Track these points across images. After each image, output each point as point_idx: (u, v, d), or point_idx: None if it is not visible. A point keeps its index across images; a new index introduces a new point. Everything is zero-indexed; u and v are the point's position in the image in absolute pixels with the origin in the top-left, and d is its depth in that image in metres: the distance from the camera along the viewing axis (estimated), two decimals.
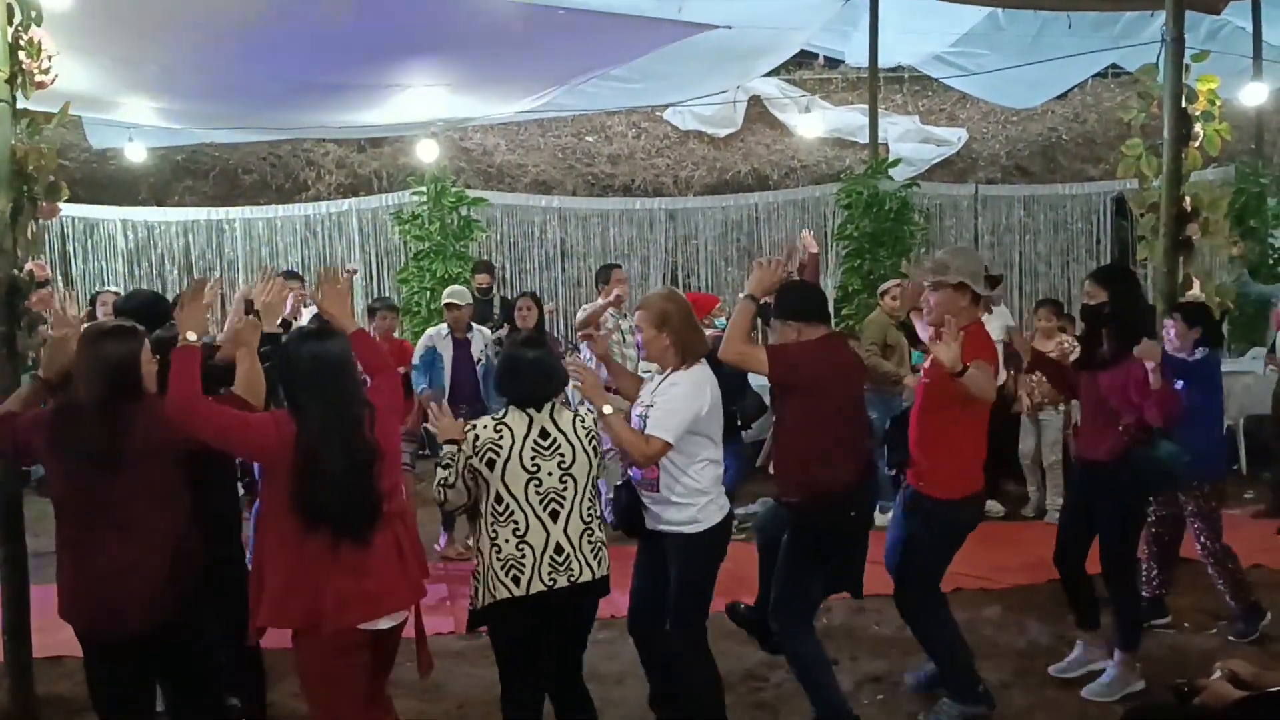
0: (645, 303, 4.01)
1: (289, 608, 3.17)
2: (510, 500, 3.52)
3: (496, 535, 3.52)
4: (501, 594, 3.51)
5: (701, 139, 12.98)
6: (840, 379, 4.19)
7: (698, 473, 3.83)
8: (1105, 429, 4.63)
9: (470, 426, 3.59)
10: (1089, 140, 13.04)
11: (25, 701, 4.66)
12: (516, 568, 3.50)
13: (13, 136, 4.52)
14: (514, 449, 3.52)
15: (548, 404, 3.63)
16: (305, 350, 3.29)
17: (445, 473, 3.56)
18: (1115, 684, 4.59)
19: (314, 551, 3.14)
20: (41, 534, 4.92)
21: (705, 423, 3.84)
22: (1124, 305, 4.66)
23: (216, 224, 10.96)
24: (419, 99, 7.90)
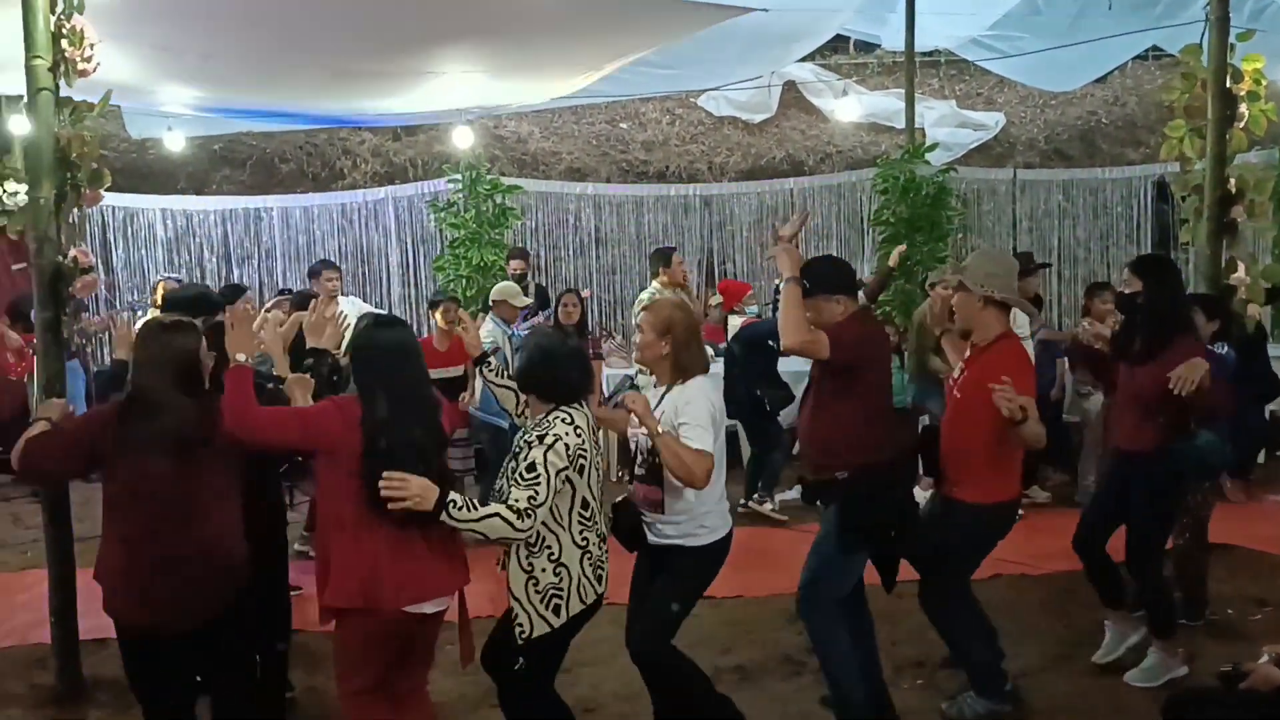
0: (655, 305, 3.95)
1: (347, 588, 3.21)
2: (593, 504, 3.50)
3: (587, 542, 3.49)
4: (590, 596, 3.50)
5: (736, 125, 12.91)
6: (885, 353, 4.21)
7: (706, 487, 3.68)
8: (1144, 421, 4.57)
9: (553, 437, 3.34)
10: (1129, 123, 12.85)
11: (72, 682, 4.75)
12: (600, 567, 3.55)
13: (56, 124, 4.58)
14: (591, 450, 3.46)
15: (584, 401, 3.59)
16: (375, 335, 3.40)
17: (533, 490, 3.24)
18: (1157, 669, 4.56)
19: (371, 533, 3.19)
20: (85, 519, 5.01)
21: (717, 429, 3.78)
22: (1159, 296, 4.57)
23: (254, 212, 11.02)
24: (454, 86, 7.90)
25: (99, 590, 3.56)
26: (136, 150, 11.10)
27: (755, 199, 11.64)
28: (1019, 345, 4.21)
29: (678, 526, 3.75)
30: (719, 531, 3.80)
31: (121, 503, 3.40)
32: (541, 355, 3.53)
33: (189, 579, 3.34)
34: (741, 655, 4.95)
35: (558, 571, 3.39)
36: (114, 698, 4.69)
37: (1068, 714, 4.36)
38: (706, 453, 3.58)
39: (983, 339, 4.16)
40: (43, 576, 4.85)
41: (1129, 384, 4.66)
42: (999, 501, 4.13)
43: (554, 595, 3.38)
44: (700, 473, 3.55)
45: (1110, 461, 5.01)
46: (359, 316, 4.81)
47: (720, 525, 3.81)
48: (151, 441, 3.31)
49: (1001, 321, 4.14)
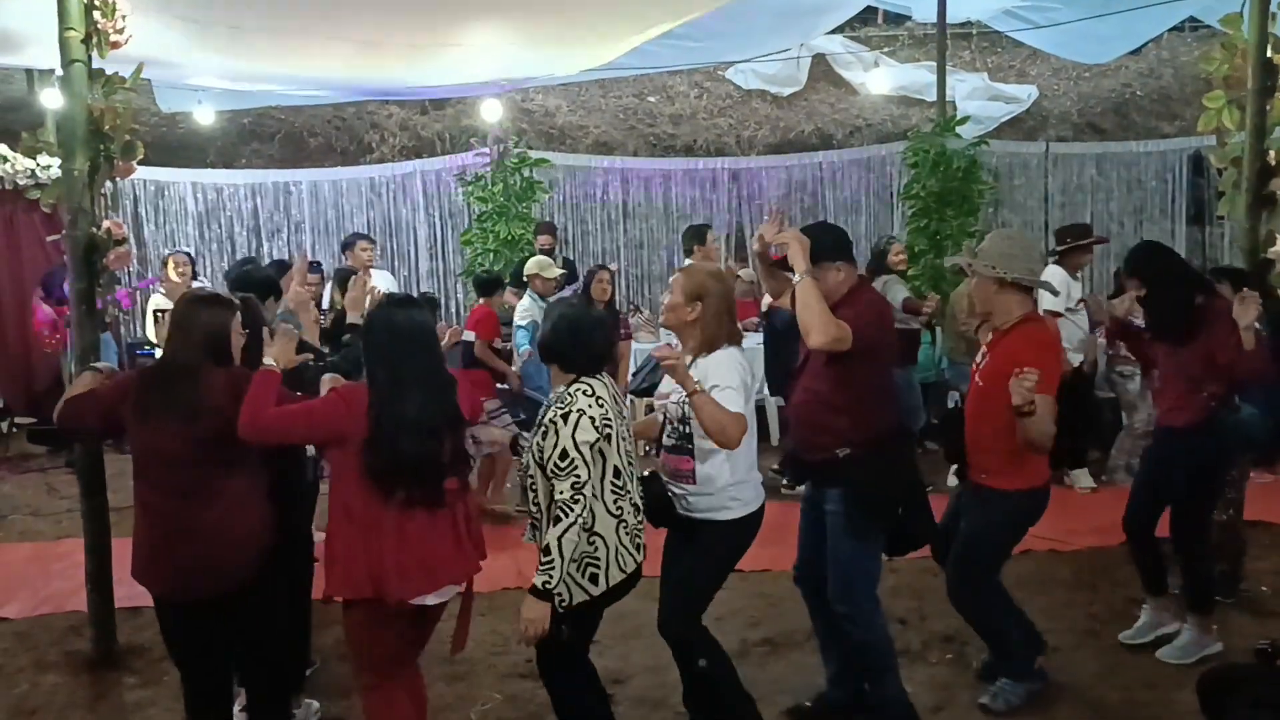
0: (689, 270, 3.81)
1: (353, 577, 3.20)
2: (625, 473, 3.44)
3: (621, 511, 3.42)
4: (630, 566, 3.45)
5: (764, 98, 12.82)
6: (893, 328, 4.01)
7: (737, 457, 3.62)
8: (1187, 396, 4.52)
9: (577, 412, 3.29)
10: (1164, 96, 12.67)
11: (108, 649, 4.81)
12: (638, 536, 3.50)
13: (89, 96, 4.60)
14: (615, 418, 3.42)
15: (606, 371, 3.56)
16: (385, 316, 3.35)
17: (573, 477, 3.23)
18: (1190, 646, 4.53)
19: (378, 523, 3.19)
20: (120, 490, 5.05)
21: (750, 399, 3.69)
22: (1166, 286, 4.57)
23: (283, 186, 11.06)
24: (482, 58, 7.88)
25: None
26: (167, 124, 11.15)
27: (783, 173, 11.57)
28: (1044, 329, 4.02)
29: (708, 499, 3.64)
30: (751, 505, 3.70)
31: (140, 469, 3.46)
32: (566, 325, 3.48)
33: (198, 551, 3.35)
34: (770, 628, 4.95)
35: (592, 541, 3.35)
36: (148, 665, 4.76)
37: (1098, 690, 4.33)
38: (740, 415, 3.50)
39: (1004, 322, 3.98)
40: (78, 545, 4.91)
41: (1171, 361, 4.61)
42: (1030, 488, 3.98)
43: (590, 565, 3.35)
44: (735, 434, 3.47)
45: (1155, 439, 4.93)
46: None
47: (752, 499, 3.71)
48: (161, 409, 3.34)
49: (1023, 304, 3.95)
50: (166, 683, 4.57)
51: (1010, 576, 5.43)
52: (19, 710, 4.37)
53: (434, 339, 3.42)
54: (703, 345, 3.66)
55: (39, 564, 6.18)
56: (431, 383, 3.29)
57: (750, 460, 3.71)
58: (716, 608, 3.89)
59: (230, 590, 3.37)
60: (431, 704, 4.25)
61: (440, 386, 3.33)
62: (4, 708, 4.40)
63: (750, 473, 3.71)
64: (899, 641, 4.77)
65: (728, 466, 3.62)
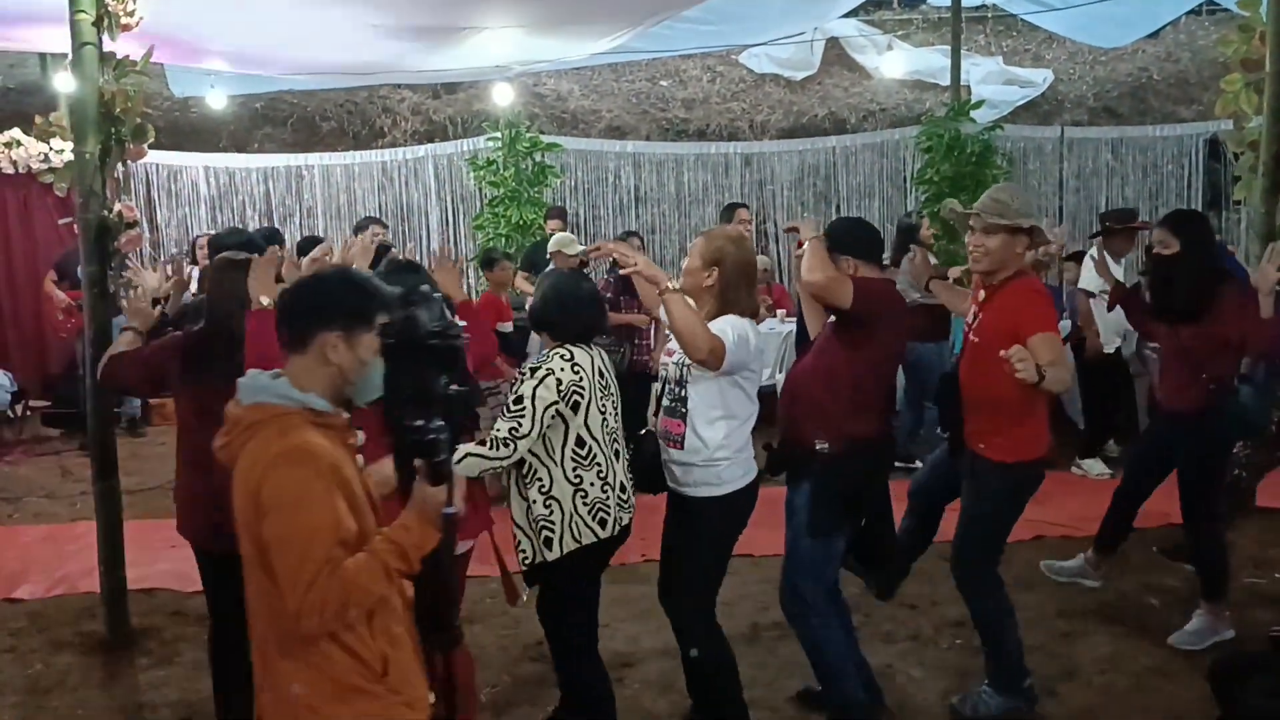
0: (709, 234, 3.68)
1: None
2: (592, 443, 3.43)
3: (581, 480, 3.41)
4: (588, 539, 3.42)
5: (778, 82, 12.76)
6: (902, 326, 3.86)
7: (728, 428, 3.51)
8: (1189, 379, 4.47)
9: (546, 371, 3.35)
10: (1181, 80, 12.56)
11: (120, 630, 4.84)
12: (603, 510, 3.45)
13: (100, 79, 4.60)
14: (591, 389, 3.42)
15: (595, 342, 3.57)
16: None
17: (515, 421, 3.28)
18: (1203, 632, 4.50)
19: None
20: (134, 473, 5.09)
21: (748, 371, 3.55)
22: (1196, 253, 4.44)
23: (295, 170, 11.08)
24: (493, 42, 7.86)
25: (145, 541, 3.62)
26: (179, 108, 11.16)
27: (797, 157, 11.51)
28: (1035, 282, 3.87)
29: (693, 471, 3.52)
30: (737, 483, 3.55)
31: (187, 428, 3.66)
32: (554, 295, 3.54)
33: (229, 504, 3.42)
34: (781, 613, 4.94)
35: (548, 504, 3.39)
36: (161, 645, 4.79)
37: (1109, 676, 4.31)
38: (719, 338, 3.35)
39: (1002, 276, 3.83)
40: (92, 527, 4.93)
41: (1173, 341, 4.55)
42: (1031, 459, 3.81)
43: (544, 528, 3.38)
44: (706, 345, 3.31)
45: (1156, 420, 4.94)
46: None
47: (738, 477, 3.55)
48: (215, 370, 3.39)
49: (1020, 259, 3.83)
50: (179, 663, 4.60)
51: (1022, 563, 5.45)
52: (33, 689, 4.41)
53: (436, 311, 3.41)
54: (717, 312, 3.52)
55: (53, 546, 6.21)
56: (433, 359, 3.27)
57: (743, 439, 3.58)
58: (726, 593, 3.87)
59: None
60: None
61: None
62: (19, 687, 4.43)
63: (739, 452, 3.56)
64: (910, 625, 4.79)
65: (716, 436, 3.49)
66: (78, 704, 4.28)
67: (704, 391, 3.51)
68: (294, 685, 2.20)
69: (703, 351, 3.33)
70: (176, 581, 5.29)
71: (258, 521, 2.15)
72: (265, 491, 2.13)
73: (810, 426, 3.68)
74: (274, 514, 2.12)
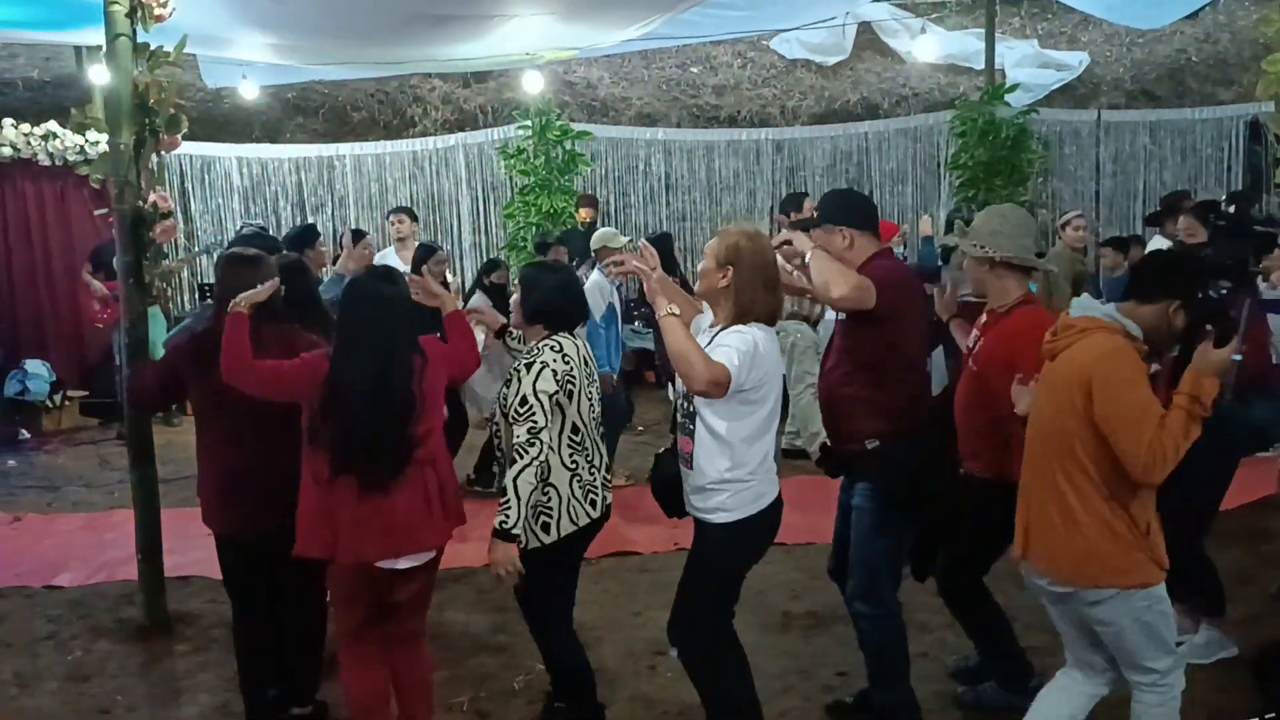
0: (723, 232, 3.46)
1: (314, 538, 3.30)
2: (584, 429, 3.55)
3: (576, 465, 3.51)
4: (583, 520, 3.52)
5: (809, 68, 12.66)
6: (922, 304, 3.71)
7: (739, 450, 3.25)
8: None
9: (540, 364, 3.40)
10: (1221, 61, 12.35)
11: (158, 617, 4.89)
12: (593, 492, 3.57)
13: (134, 70, 4.63)
14: (580, 377, 3.52)
15: (578, 330, 3.67)
16: (358, 291, 3.39)
17: (530, 422, 3.33)
18: (1209, 647, 4.28)
19: (339, 488, 3.24)
20: (169, 461, 5.14)
21: (761, 389, 3.26)
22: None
23: (327, 160, 11.13)
24: (523, 30, 7.84)
25: (182, 529, 3.69)
26: (212, 99, 11.23)
27: (829, 143, 11.43)
28: (1039, 312, 3.67)
29: (701, 495, 3.31)
30: (747, 508, 3.29)
31: (203, 421, 3.81)
32: (534, 285, 3.63)
33: (258, 489, 3.59)
34: (813, 601, 4.92)
35: (546, 491, 3.44)
36: (198, 632, 4.84)
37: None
38: (721, 364, 3.08)
39: (1000, 304, 3.69)
40: (129, 516, 4.98)
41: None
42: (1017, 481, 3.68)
43: (543, 514, 3.45)
44: (701, 374, 3.05)
45: None
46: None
47: (748, 502, 3.29)
48: (211, 364, 3.45)
49: (1019, 285, 3.67)
50: (216, 649, 4.64)
51: None
52: (73, 676, 4.46)
53: (399, 319, 3.36)
54: (735, 316, 3.26)
55: (92, 534, 6.29)
56: (384, 369, 3.25)
57: (757, 460, 3.30)
58: (759, 581, 3.87)
59: (288, 527, 3.42)
60: (475, 673, 4.33)
61: (392, 371, 3.27)
62: (58, 674, 4.49)
63: (752, 474, 3.29)
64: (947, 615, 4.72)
65: (725, 459, 3.24)
66: (116, 690, 4.33)
67: (714, 410, 3.24)
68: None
69: (700, 384, 3.07)
70: (213, 569, 5.23)
71: (1086, 400, 2.87)
72: (1097, 376, 2.85)
73: (857, 426, 3.53)
74: (1106, 391, 2.84)
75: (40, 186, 9.46)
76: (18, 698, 4.30)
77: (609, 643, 4.56)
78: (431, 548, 3.43)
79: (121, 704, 4.22)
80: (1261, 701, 3.32)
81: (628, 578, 5.22)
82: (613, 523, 5.73)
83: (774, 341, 3.34)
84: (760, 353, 3.21)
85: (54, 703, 4.25)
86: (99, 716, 4.14)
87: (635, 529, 5.70)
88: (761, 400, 3.27)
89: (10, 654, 4.69)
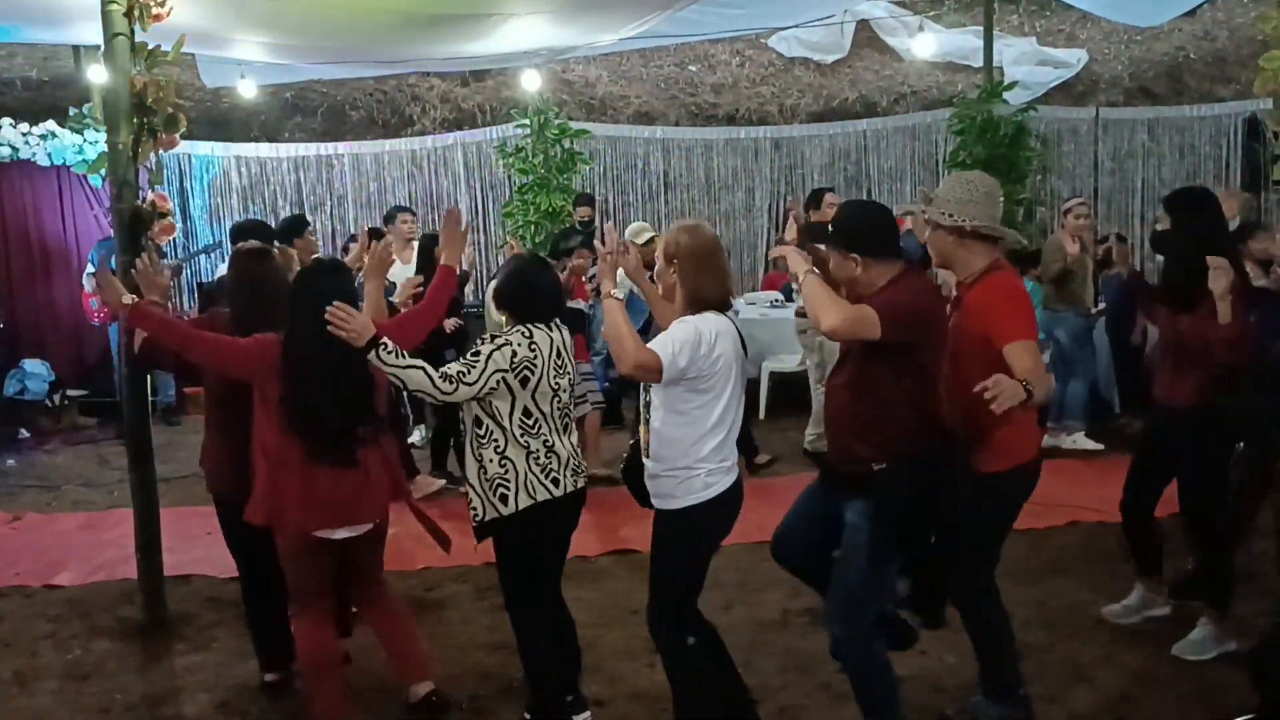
0: (670, 229, 3.56)
1: (259, 507, 3.64)
2: (539, 415, 3.60)
3: (529, 445, 3.57)
4: (543, 495, 3.58)
5: (807, 66, 12.67)
6: (940, 328, 3.45)
7: (689, 439, 3.33)
8: (1183, 373, 4.16)
9: (504, 340, 3.52)
10: (1219, 59, 12.35)
11: (157, 615, 4.90)
12: (554, 472, 3.62)
13: (132, 69, 4.63)
14: (544, 368, 3.58)
15: (556, 322, 3.71)
16: (308, 284, 3.66)
17: (466, 367, 3.44)
18: (1208, 643, 4.23)
19: (286, 463, 3.56)
20: (169, 460, 5.14)
21: (710, 379, 3.32)
22: (1191, 235, 4.09)
23: (325, 159, 11.14)
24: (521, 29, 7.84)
25: (182, 528, 3.77)
26: (211, 99, 11.23)
27: (827, 141, 11.44)
28: (1010, 279, 3.52)
29: (656, 483, 3.43)
30: (696, 496, 3.37)
31: (207, 396, 4.12)
32: (515, 279, 3.74)
33: (244, 464, 3.76)
34: (812, 598, 4.88)
35: (503, 464, 3.54)
36: (198, 631, 4.84)
37: (1146, 666, 4.25)
38: (652, 351, 3.22)
39: (966, 275, 3.53)
40: (129, 515, 4.99)
41: (1170, 330, 4.23)
42: (1016, 466, 3.53)
43: (500, 485, 3.54)
44: (630, 357, 3.21)
45: (1152, 417, 4.59)
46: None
47: (698, 490, 3.37)
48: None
49: (987, 253, 3.50)
50: (215, 649, 4.65)
51: (1055, 548, 5.42)
52: (72, 675, 4.47)
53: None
54: (686, 306, 3.41)
55: (91, 533, 6.30)
56: (338, 357, 3.46)
57: (709, 449, 3.36)
58: (759, 578, 3.88)
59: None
60: (474, 671, 4.34)
61: (345, 359, 3.46)
62: (58, 672, 4.50)
63: (702, 461, 3.36)
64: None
65: (674, 448, 3.35)
66: (115, 689, 4.33)
67: (663, 399, 3.37)
68: None
69: (627, 365, 3.26)
70: (213, 568, 5.34)
71: None
72: None
73: (862, 445, 3.36)
74: None
75: (38, 186, 9.45)
76: (17, 696, 4.30)
77: (609, 640, 4.57)
78: (369, 520, 3.72)
79: (121, 703, 4.22)
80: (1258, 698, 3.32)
81: (628, 576, 5.23)
82: (612, 521, 5.78)
83: (730, 332, 3.40)
84: (704, 340, 3.28)
85: (53, 702, 4.25)
86: (98, 715, 4.14)
87: (635, 527, 5.70)
88: (711, 390, 3.35)
89: (10, 653, 4.70)
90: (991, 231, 3.48)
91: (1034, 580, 5.03)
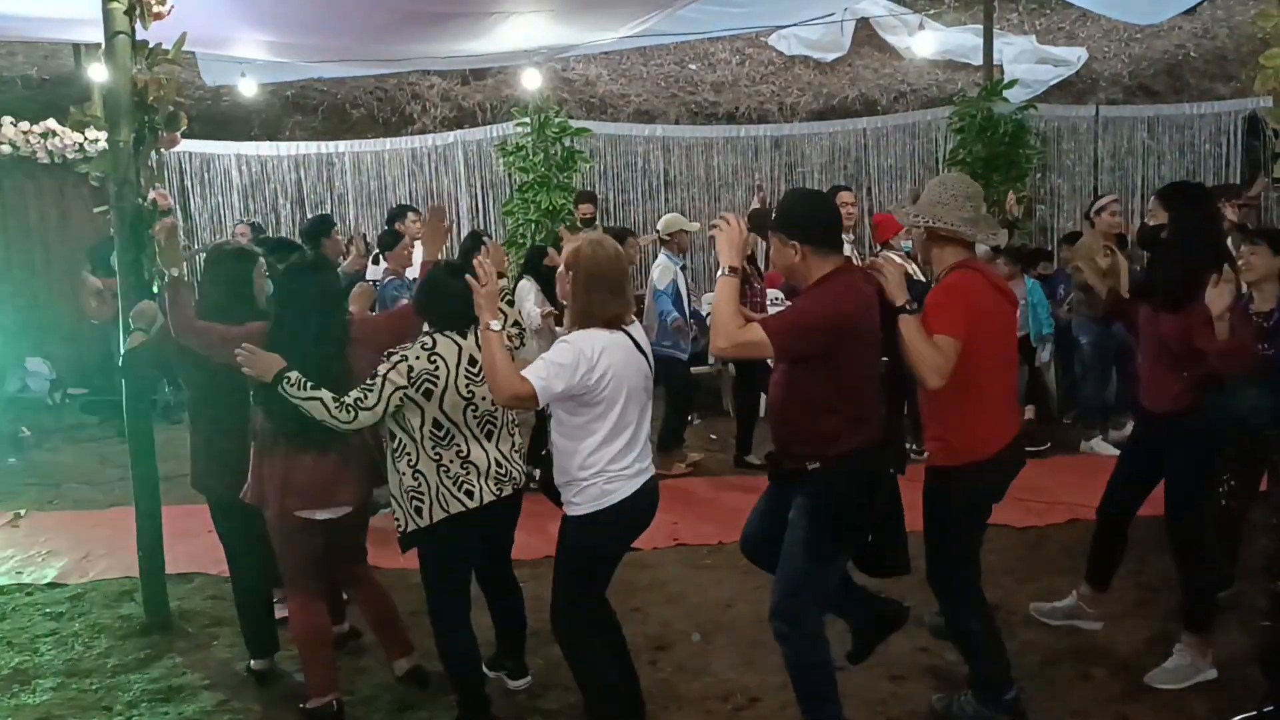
0: (577, 238, 3.55)
1: (250, 489, 3.88)
2: (450, 426, 3.62)
3: (440, 457, 3.62)
4: (456, 508, 3.62)
5: (807, 64, 12.68)
6: (864, 325, 3.34)
7: (585, 451, 3.34)
8: (1168, 377, 4.01)
9: (400, 357, 3.55)
10: (1219, 57, 12.37)
11: (159, 613, 4.90)
12: (467, 484, 3.64)
13: (133, 67, 4.64)
14: (449, 379, 3.58)
15: (472, 329, 3.63)
16: (292, 277, 3.88)
17: (363, 393, 3.51)
18: (1185, 670, 4.04)
19: (272, 448, 3.78)
20: (169, 459, 5.14)
21: (599, 392, 3.28)
22: (1186, 230, 4.00)
23: (326, 158, 11.15)
24: (521, 27, 7.85)
25: (183, 526, 3.78)
26: (211, 98, 11.25)
27: (827, 139, 11.44)
28: (964, 278, 3.51)
29: (561, 490, 3.47)
30: (593, 504, 3.37)
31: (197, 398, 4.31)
32: (424, 288, 3.82)
33: (230, 460, 4.02)
34: None
35: (416, 477, 3.62)
36: (199, 629, 4.85)
37: (1147, 661, 4.25)
38: (527, 381, 3.16)
39: (940, 271, 3.61)
40: (130, 513, 4.99)
41: (1152, 331, 4.06)
42: (976, 462, 3.51)
43: (414, 498, 3.63)
44: (505, 393, 3.20)
45: (1137, 422, 4.45)
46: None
47: (593, 499, 3.37)
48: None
49: (956, 252, 3.55)
50: (215, 646, 4.66)
51: (1057, 544, 5.42)
52: (73, 672, 4.47)
53: (332, 304, 3.92)
54: (574, 320, 3.37)
55: (93, 531, 6.30)
56: (316, 346, 3.72)
57: (605, 460, 3.36)
58: (758, 577, 3.86)
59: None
60: None
61: (323, 348, 3.75)
62: (59, 670, 4.50)
63: (599, 473, 3.36)
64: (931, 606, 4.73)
65: (571, 458, 3.38)
66: (116, 686, 4.34)
67: (557, 413, 3.42)
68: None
69: (502, 397, 3.25)
70: (213, 566, 5.34)
71: None
72: None
73: (798, 444, 3.39)
74: None
75: (40, 185, 9.46)
76: (19, 694, 4.31)
77: None
78: (348, 503, 3.90)
79: (122, 700, 4.23)
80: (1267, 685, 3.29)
81: (627, 574, 5.22)
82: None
83: (620, 345, 3.35)
84: (583, 360, 3.23)
85: (54, 699, 4.25)
86: (100, 713, 4.15)
87: None
88: (602, 402, 3.31)
89: (11, 651, 4.70)
90: (953, 233, 3.52)
91: (1034, 578, 5.03)
